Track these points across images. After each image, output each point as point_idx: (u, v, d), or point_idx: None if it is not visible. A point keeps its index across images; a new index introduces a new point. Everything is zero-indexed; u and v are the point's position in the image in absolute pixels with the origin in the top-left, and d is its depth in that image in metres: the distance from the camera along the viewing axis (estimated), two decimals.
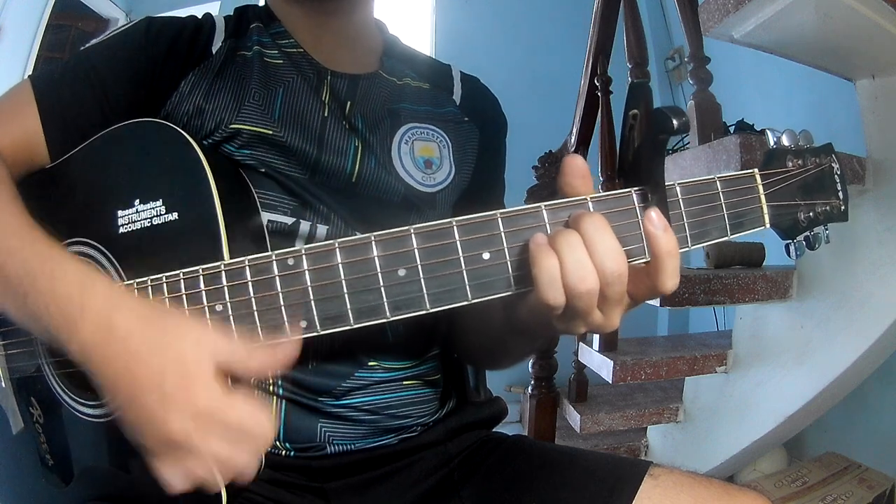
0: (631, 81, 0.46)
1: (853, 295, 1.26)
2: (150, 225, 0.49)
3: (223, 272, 0.43)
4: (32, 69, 2.54)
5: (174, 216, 0.48)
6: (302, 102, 0.61)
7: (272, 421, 0.41)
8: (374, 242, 0.41)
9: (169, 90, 0.58)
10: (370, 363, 0.60)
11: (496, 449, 0.65)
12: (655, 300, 1.38)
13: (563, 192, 0.44)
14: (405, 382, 0.63)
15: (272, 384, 0.58)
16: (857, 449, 1.63)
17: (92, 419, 0.53)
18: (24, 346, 0.57)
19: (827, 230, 0.50)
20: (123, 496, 0.52)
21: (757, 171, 0.47)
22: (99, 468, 0.53)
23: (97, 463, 0.54)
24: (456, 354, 0.72)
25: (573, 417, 1.72)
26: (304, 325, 0.42)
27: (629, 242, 0.42)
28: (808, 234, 0.49)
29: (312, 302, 0.42)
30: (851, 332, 1.26)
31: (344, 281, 0.41)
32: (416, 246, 0.41)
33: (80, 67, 0.58)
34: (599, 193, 0.42)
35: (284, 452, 0.58)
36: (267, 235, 0.56)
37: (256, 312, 0.43)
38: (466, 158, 0.68)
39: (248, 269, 0.43)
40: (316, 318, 0.42)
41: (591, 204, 0.42)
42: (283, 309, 0.42)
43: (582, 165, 0.43)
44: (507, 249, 0.41)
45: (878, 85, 1.22)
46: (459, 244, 0.41)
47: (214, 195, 0.47)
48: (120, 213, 0.50)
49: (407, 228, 0.41)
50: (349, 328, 0.41)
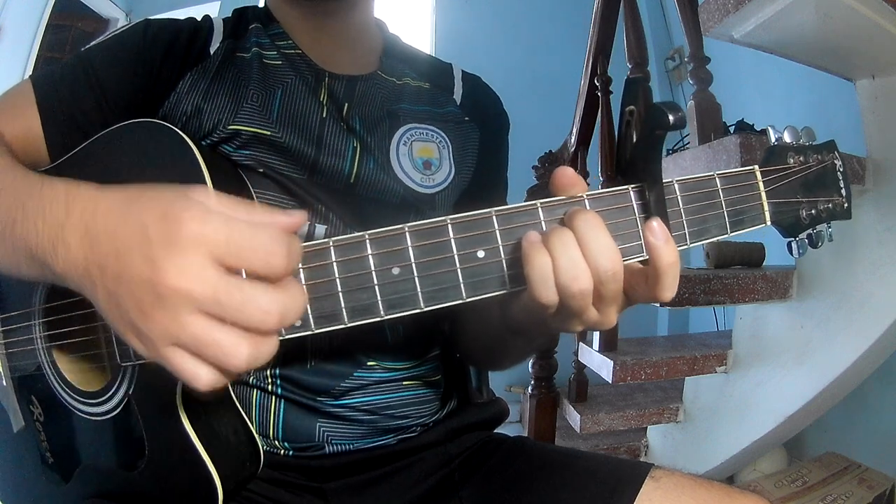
0: (627, 77, 0.45)
1: (853, 295, 1.26)
2: None
3: None
4: (32, 69, 2.54)
5: None
6: (300, 103, 0.61)
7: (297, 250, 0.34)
8: (368, 241, 0.40)
9: (167, 91, 0.59)
10: (369, 363, 0.60)
11: (497, 450, 0.65)
12: None
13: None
14: (405, 383, 0.62)
15: (271, 383, 0.58)
16: (857, 449, 1.63)
17: (91, 417, 0.53)
18: (24, 344, 0.57)
19: (830, 228, 0.49)
20: (122, 494, 0.52)
21: (757, 167, 0.46)
22: (97, 466, 0.54)
23: (96, 461, 0.54)
24: (458, 355, 0.72)
25: (573, 417, 1.72)
26: (298, 323, 0.42)
27: (626, 240, 0.42)
28: (810, 231, 0.49)
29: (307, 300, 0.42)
30: (851, 332, 1.26)
31: (338, 279, 0.40)
32: (409, 244, 0.40)
33: (79, 68, 0.59)
34: (596, 191, 0.42)
35: (283, 452, 0.58)
36: None
37: None
38: (467, 158, 0.68)
39: None
40: (310, 316, 0.41)
41: (587, 202, 0.42)
42: None
43: (571, 176, 0.42)
44: (501, 248, 0.41)
45: (878, 85, 1.21)
46: (454, 242, 0.40)
47: None
48: None
49: (401, 227, 0.40)
50: (343, 327, 0.41)
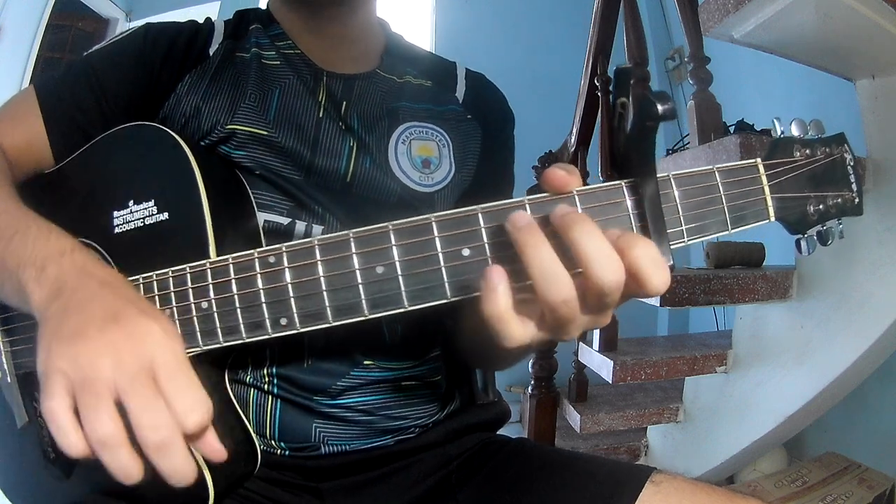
0: (616, 67, 0.43)
1: (853, 295, 1.26)
2: (143, 225, 0.50)
3: (208, 270, 0.44)
4: (32, 69, 2.55)
5: (165, 216, 0.49)
6: (297, 103, 0.61)
7: (207, 411, 0.36)
8: (352, 239, 0.40)
9: (166, 93, 0.59)
10: (366, 362, 0.60)
11: (497, 452, 0.64)
12: (655, 300, 1.38)
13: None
14: (403, 383, 0.62)
15: (268, 382, 0.58)
16: (857, 449, 1.63)
17: None
18: (27, 342, 0.58)
19: (840, 224, 0.47)
20: (119, 489, 0.52)
21: (760, 160, 0.44)
22: (95, 462, 0.54)
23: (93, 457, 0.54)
24: (459, 356, 0.72)
25: (573, 417, 1.72)
26: (283, 322, 0.42)
27: None
28: (819, 228, 0.46)
29: (292, 299, 0.42)
30: (851, 332, 1.26)
31: (322, 278, 0.40)
32: (393, 243, 0.40)
33: (81, 73, 0.60)
34: (587, 186, 0.40)
35: (280, 452, 0.58)
36: (262, 235, 0.57)
37: (239, 309, 0.43)
38: (468, 157, 0.67)
39: (231, 266, 0.43)
40: (295, 315, 0.41)
41: (577, 198, 0.40)
42: (264, 306, 0.42)
43: (561, 176, 0.39)
44: (487, 246, 0.39)
45: (878, 85, 1.21)
46: (438, 240, 0.39)
47: (202, 195, 0.48)
48: (116, 213, 0.51)
49: (385, 225, 0.40)
50: (328, 325, 0.41)
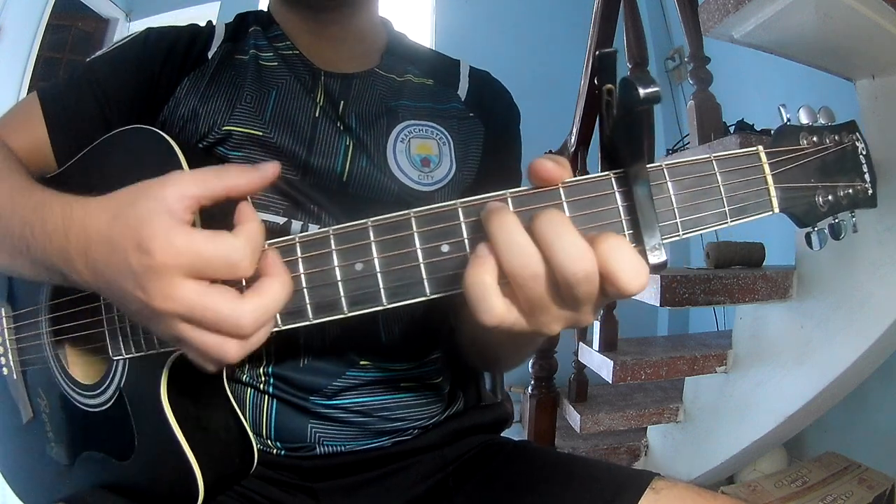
0: (598, 51, 0.40)
1: (853, 295, 1.26)
2: None
3: None
4: (32, 69, 2.55)
5: None
6: (294, 103, 0.61)
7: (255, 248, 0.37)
8: (332, 236, 0.40)
9: (166, 96, 0.60)
10: (362, 362, 0.59)
11: (497, 454, 0.64)
12: (656, 300, 1.38)
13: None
14: (402, 384, 0.62)
15: (264, 382, 0.58)
16: (857, 449, 1.63)
17: (88, 409, 0.55)
18: (33, 340, 0.59)
19: (853, 217, 0.44)
20: (117, 484, 0.53)
21: (762, 147, 0.41)
22: (95, 456, 0.55)
23: (93, 451, 0.55)
24: (460, 356, 0.72)
25: (573, 417, 1.73)
26: None
27: (608, 230, 0.38)
28: (831, 221, 0.43)
29: None
30: (851, 332, 1.26)
31: (303, 275, 0.40)
32: (372, 239, 0.39)
33: (83, 79, 0.61)
34: (573, 178, 0.38)
35: (276, 451, 0.58)
36: None
37: None
38: (470, 154, 0.67)
39: None
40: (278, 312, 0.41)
41: (562, 191, 0.38)
42: None
43: (549, 168, 0.37)
44: (467, 241, 0.38)
45: (878, 85, 1.21)
46: (417, 236, 0.39)
47: None
48: None
49: (364, 221, 0.39)
50: (308, 323, 0.41)
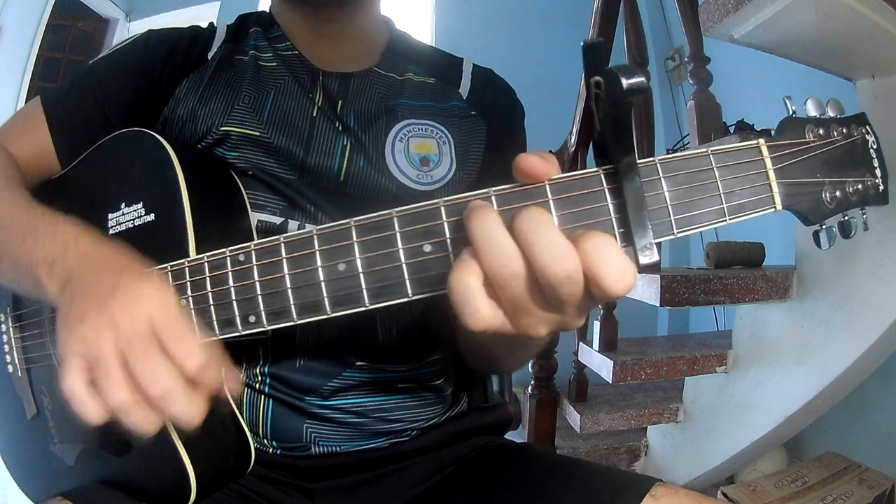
0: (584, 41, 0.38)
1: (853, 295, 1.26)
2: (133, 226, 0.52)
3: (186, 268, 0.45)
4: (32, 69, 2.55)
5: (152, 217, 0.51)
6: (292, 103, 0.61)
7: (203, 352, 0.38)
8: (315, 236, 0.40)
9: (166, 97, 0.61)
10: (358, 363, 0.59)
11: (496, 457, 0.63)
12: (656, 300, 1.38)
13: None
14: (400, 385, 0.61)
15: (260, 381, 0.58)
16: (857, 449, 1.63)
17: None
18: (37, 337, 0.59)
19: (864, 213, 0.41)
20: (115, 479, 0.54)
21: (762, 141, 0.39)
22: (94, 452, 0.55)
23: (93, 446, 0.55)
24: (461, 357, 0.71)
25: (573, 417, 1.73)
26: (252, 319, 0.42)
27: (597, 230, 0.37)
28: (840, 218, 0.41)
29: (259, 297, 0.42)
30: (851, 332, 1.26)
31: (287, 276, 0.40)
32: (355, 239, 0.39)
33: (85, 82, 0.62)
34: (561, 175, 0.37)
35: (272, 451, 0.58)
36: (256, 235, 0.58)
37: (213, 307, 0.43)
38: (471, 153, 0.66)
39: (206, 265, 0.44)
40: (262, 312, 0.42)
41: (549, 188, 0.36)
42: (234, 304, 0.43)
43: (535, 164, 0.35)
44: (449, 241, 0.37)
45: (878, 85, 1.21)
46: (399, 236, 0.38)
47: (184, 196, 0.50)
48: (110, 215, 0.53)
49: (347, 221, 0.39)
50: (293, 323, 0.41)
